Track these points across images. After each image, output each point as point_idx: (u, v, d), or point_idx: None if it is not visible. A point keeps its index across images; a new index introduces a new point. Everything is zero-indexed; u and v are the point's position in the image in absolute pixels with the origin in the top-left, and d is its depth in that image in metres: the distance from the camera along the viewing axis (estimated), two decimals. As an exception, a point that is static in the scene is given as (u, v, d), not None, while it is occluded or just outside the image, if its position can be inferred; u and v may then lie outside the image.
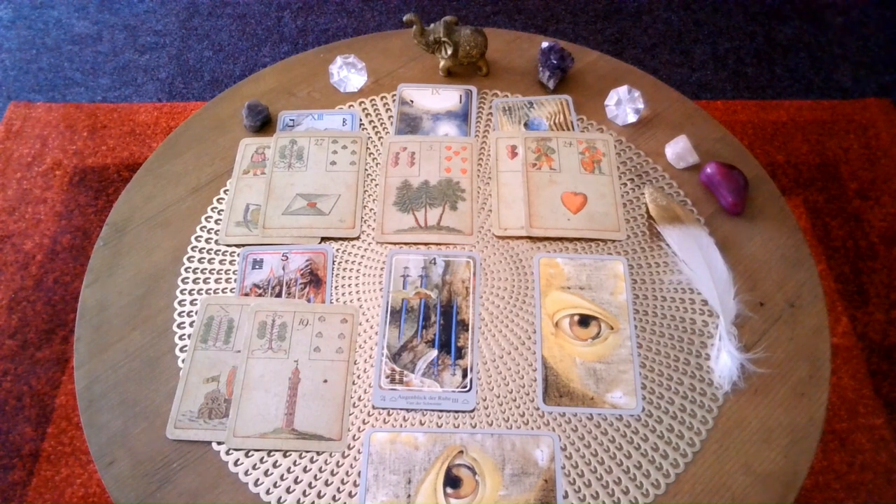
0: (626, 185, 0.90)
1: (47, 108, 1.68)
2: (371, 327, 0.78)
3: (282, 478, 0.69)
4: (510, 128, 0.96)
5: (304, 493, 0.68)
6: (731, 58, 1.79)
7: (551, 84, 0.98)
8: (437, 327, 0.78)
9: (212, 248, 0.85)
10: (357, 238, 0.85)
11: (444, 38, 0.96)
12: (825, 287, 1.37)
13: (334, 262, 0.83)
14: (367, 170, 0.91)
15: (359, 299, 0.80)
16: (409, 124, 0.96)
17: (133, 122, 1.65)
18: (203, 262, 0.84)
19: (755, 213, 0.87)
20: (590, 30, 1.85)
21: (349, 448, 0.71)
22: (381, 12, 1.89)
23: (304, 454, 0.70)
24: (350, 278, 0.82)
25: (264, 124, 0.96)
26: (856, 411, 1.23)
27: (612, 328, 0.78)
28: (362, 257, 0.84)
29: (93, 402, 0.74)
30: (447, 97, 0.99)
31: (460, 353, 0.76)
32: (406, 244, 0.85)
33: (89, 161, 1.58)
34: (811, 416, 0.72)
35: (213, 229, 0.87)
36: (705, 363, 0.76)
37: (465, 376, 0.75)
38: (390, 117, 0.97)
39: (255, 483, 0.69)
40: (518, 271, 0.82)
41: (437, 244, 0.85)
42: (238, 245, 0.85)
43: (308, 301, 0.80)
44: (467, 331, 0.78)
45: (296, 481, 0.69)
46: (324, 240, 0.85)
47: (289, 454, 0.70)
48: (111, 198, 1.52)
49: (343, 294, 0.81)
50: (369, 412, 0.73)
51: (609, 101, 0.95)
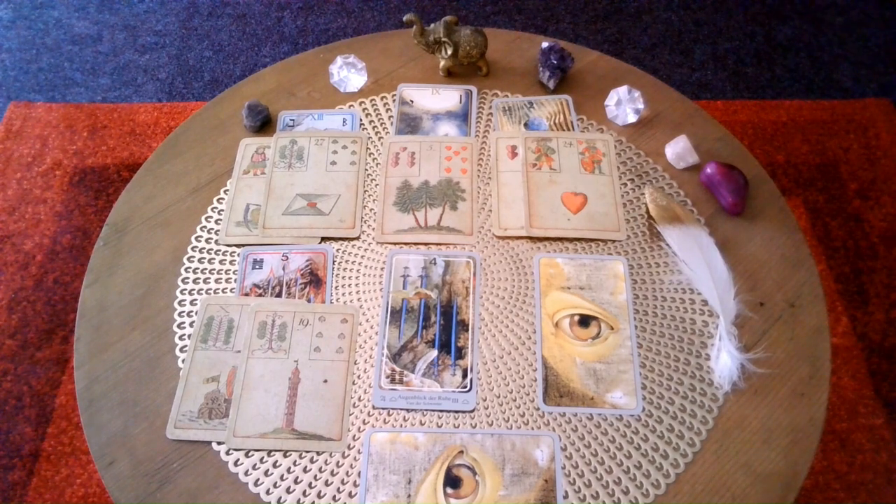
0: (626, 185, 0.90)
1: (47, 108, 1.68)
2: (371, 327, 0.78)
3: (282, 478, 0.69)
4: (510, 128, 0.95)
5: (304, 493, 0.68)
6: (731, 58, 1.79)
7: (551, 84, 0.98)
8: (437, 327, 0.78)
9: (212, 248, 0.85)
10: (357, 238, 0.85)
11: (444, 38, 0.96)
12: (825, 287, 1.37)
13: (334, 262, 0.83)
14: (367, 170, 0.91)
15: (359, 299, 0.80)
16: (409, 124, 0.96)
17: (133, 122, 1.65)
18: (203, 262, 0.84)
19: (755, 213, 0.87)
20: (590, 30, 1.85)
21: (349, 448, 0.71)
22: (381, 12, 1.89)
23: (304, 454, 0.70)
24: (350, 278, 0.82)
25: (264, 124, 0.96)
26: (856, 411, 1.23)
27: (612, 328, 0.78)
28: (362, 257, 0.84)
29: (93, 402, 0.74)
30: (447, 97, 0.99)
31: (460, 354, 0.76)
32: (406, 244, 0.85)
33: (89, 161, 1.58)
34: (811, 416, 0.72)
35: (213, 229, 0.87)
36: (705, 363, 0.76)
37: (465, 376, 0.75)
38: (390, 117, 0.97)
39: (255, 483, 0.69)
40: (518, 271, 0.82)
41: (437, 244, 0.85)
42: (238, 245, 0.85)
43: (308, 301, 0.80)
44: (467, 331, 0.78)
45: (296, 481, 0.69)
46: (324, 240, 0.85)
47: (289, 454, 0.70)
48: (111, 198, 1.52)
49: (343, 294, 0.81)
50: (369, 412, 0.73)
51: (609, 101, 0.95)
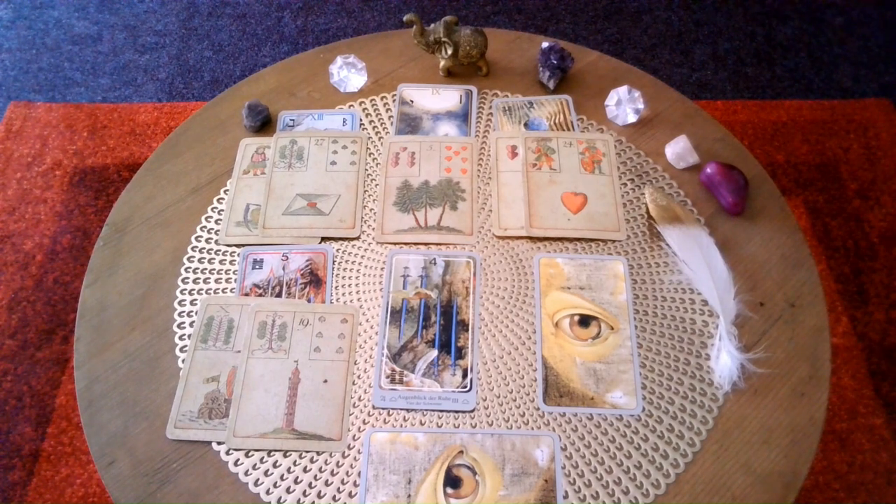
0: (626, 185, 0.90)
1: (47, 108, 1.68)
2: (371, 327, 0.78)
3: (282, 478, 0.69)
4: (510, 128, 0.95)
5: (304, 494, 0.68)
6: (731, 58, 1.79)
7: (551, 84, 0.98)
8: (437, 327, 0.78)
9: (212, 248, 0.85)
10: (357, 238, 0.85)
11: (444, 38, 0.96)
12: (825, 287, 1.37)
13: (334, 262, 0.83)
14: (367, 170, 0.91)
15: (359, 299, 0.80)
16: (409, 124, 0.96)
17: (133, 122, 1.65)
18: (203, 262, 0.84)
19: (755, 213, 0.87)
20: (590, 30, 1.85)
21: (349, 448, 0.71)
22: (381, 12, 1.89)
23: (304, 454, 0.70)
24: (350, 278, 0.82)
25: (264, 124, 0.96)
26: (856, 411, 1.23)
27: (612, 328, 0.78)
28: (362, 257, 0.84)
29: (93, 402, 0.74)
30: (447, 97, 0.99)
31: (460, 353, 0.76)
32: (406, 244, 0.85)
33: (89, 161, 1.58)
34: (811, 416, 0.72)
35: (213, 229, 0.87)
36: (705, 363, 0.76)
37: (465, 376, 0.75)
38: (390, 117, 0.97)
39: (255, 483, 0.69)
40: (518, 271, 0.82)
41: (437, 244, 0.85)
42: (238, 245, 0.85)
43: (308, 301, 0.80)
44: (467, 331, 0.78)
45: (296, 481, 0.69)
46: (324, 240, 0.85)
47: (289, 454, 0.70)
48: (111, 198, 1.52)
49: (343, 294, 0.81)
50: (369, 412, 0.73)
51: (609, 101, 0.95)
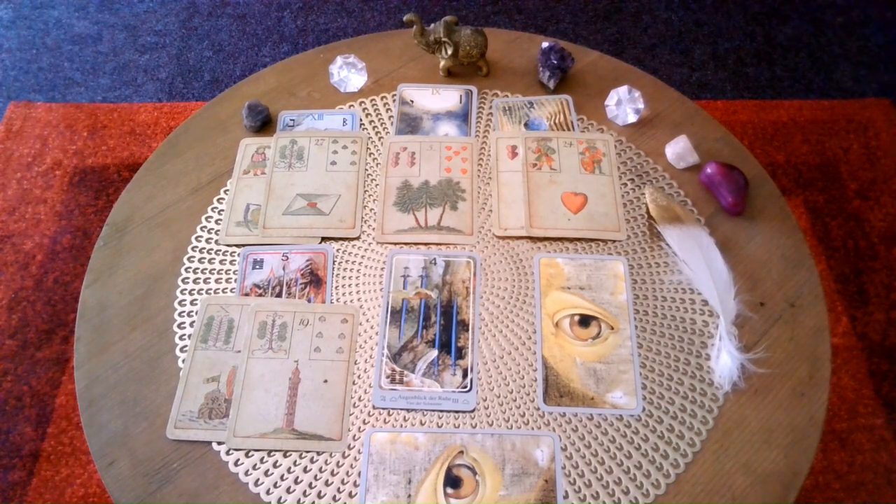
0: (626, 185, 0.90)
1: (47, 108, 1.68)
2: (371, 327, 0.78)
3: (282, 478, 0.69)
4: (510, 128, 0.95)
5: (305, 494, 0.68)
6: (731, 58, 1.79)
7: (551, 84, 0.98)
8: (437, 327, 0.78)
9: (212, 248, 0.85)
10: (357, 238, 0.85)
11: (444, 38, 0.96)
12: (825, 287, 1.37)
13: (334, 262, 0.83)
14: (367, 170, 0.91)
15: (359, 299, 0.80)
16: (410, 124, 0.96)
17: (133, 122, 1.65)
18: (203, 262, 0.84)
19: (755, 213, 0.87)
20: (590, 30, 1.85)
21: (349, 448, 0.71)
22: (381, 12, 1.89)
23: (304, 454, 0.70)
24: (350, 278, 0.82)
25: (264, 124, 0.96)
26: (856, 411, 1.23)
27: (613, 328, 0.78)
28: (362, 257, 0.84)
29: (93, 402, 0.74)
30: (447, 97, 0.99)
31: (460, 354, 0.76)
32: (406, 244, 0.85)
33: (89, 161, 1.58)
34: (811, 416, 0.72)
35: (213, 229, 0.87)
36: (705, 363, 0.76)
37: (465, 376, 0.75)
38: (390, 117, 0.97)
39: (256, 483, 0.69)
40: (518, 271, 0.82)
41: (437, 244, 0.85)
42: (238, 245, 0.85)
43: (308, 301, 0.80)
44: (467, 331, 0.78)
45: (296, 481, 0.69)
46: (324, 240, 0.85)
47: (289, 454, 0.70)
48: (111, 198, 1.52)
49: (343, 294, 0.81)
50: (369, 412, 0.73)
51: (609, 101, 0.95)
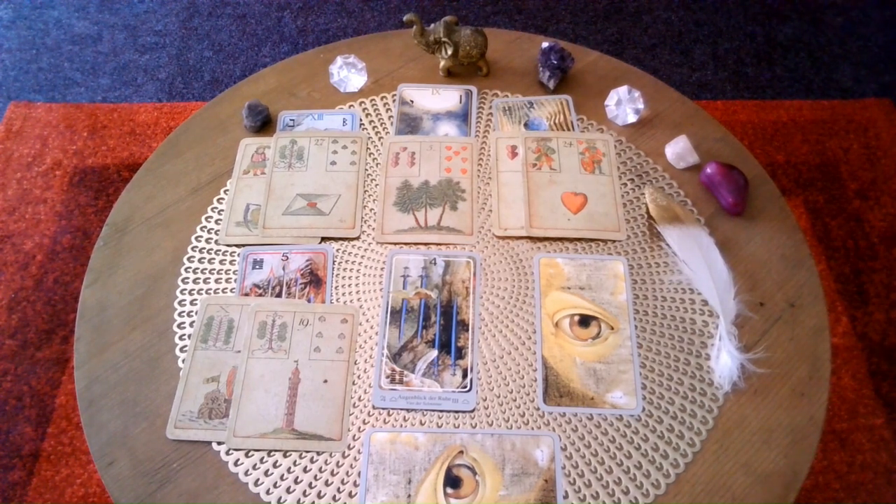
0: (626, 185, 0.90)
1: (47, 108, 1.68)
2: (371, 327, 0.78)
3: (282, 478, 0.69)
4: (510, 128, 0.95)
5: (304, 494, 0.68)
6: (731, 58, 1.79)
7: (551, 84, 0.98)
8: (437, 327, 0.78)
9: (212, 248, 0.85)
10: (357, 238, 0.85)
11: (444, 39, 0.96)
12: (825, 287, 1.37)
13: (334, 262, 0.83)
14: (367, 170, 0.91)
15: (359, 299, 0.80)
16: (409, 124, 0.96)
17: (133, 122, 1.65)
18: (203, 262, 0.84)
19: (755, 213, 0.87)
20: (590, 30, 1.85)
21: (349, 448, 0.71)
22: (381, 12, 1.89)
23: (304, 454, 0.70)
24: (350, 278, 0.82)
25: (264, 124, 0.96)
26: (856, 411, 1.23)
27: (612, 328, 0.78)
28: (362, 257, 0.84)
29: (93, 402, 0.74)
30: (447, 97, 0.99)
31: (460, 354, 0.76)
32: (406, 244, 0.85)
33: (89, 161, 1.58)
34: (811, 416, 0.72)
35: (213, 229, 0.87)
36: (705, 363, 0.76)
37: (465, 376, 0.75)
38: (390, 117, 0.97)
39: (255, 483, 0.69)
40: (518, 271, 0.82)
41: (437, 244, 0.85)
42: (238, 245, 0.85)
43: (308, 301, 0.80)
44: (467, 331, 0.78)
45: (296, 481, 0.69)
46: (324, 240, 0.85)
47: (289, 454, 0.70)
48: (111, 198, 1.52)
49: (343, 294, 0.81)
50: (369, 412, 0.73)
51: (609, 101, 0.95)
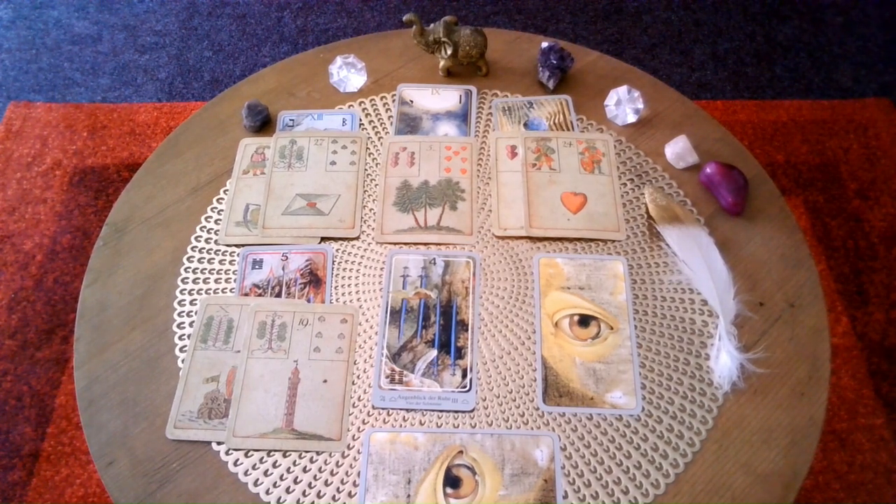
0: (625, 185, 0.90)
1: (47, 108, 1.68)
2: (371, 327, 0.78)
3: (281, 478, 0.69)
4: (510, 128, 0.95)
5: (304, 493, 0.68)
6: (731, 58, 1.79)
7: (551, 84, 0.98)
8: (436, 327, 0.78)
9: (212, 248, 0.85)
10: (357, 238, 0.85)
11: (443, 38, 0.96)
12: (825, 287, 1.37)
13: (334, 262, 0.83)
14: (366, 170, 0.91)
15: (358, 299, 0.80)
16: (409, 124, 0.96)
17: (133, 122, 1.65)
18: (203, 262, 0.84)
19: (755, 213, 0.87)
20: (590, 30, 1.85)
21: (349, 448, 0.71)
22: (381, 12, 1.89)
23: (303, 454, 0.70)
24: (350, 278, 0.82)
25: (264, 124, 0.96)
26: (856, 411, 1.23)
27: (612, 328, 0.78)
28: (362, 257, 0.84)
29: (93, 402, 0.74)
30: (447, 97, 0.99)
31: (460, 353, 0.76)
32: (406, 244, 0.85)
33: (89, 161, 1.58)
34: (811, 416, 0.72)
35: (213, 229, 0.87)
36: (705, 363, 0.76)
37: (464, 376, 0.75)
38: (390, 117, 0.97)
39: (255, 483, 0.69)
40: (518, 271, 0.82)
41: (436, 244, 0.85)
42: (238, 245, 0.85)
43: (308, 301, 0.80)
44: (467, 331, 0.78)
45: (295, 481, 0.69)
46: (324, 240, 0.85)
47: (288, 454, 0.70)
48: (111, 198, 1.52)
49: (343, 294, 0.81)
50: (369, 412, 0.73)
51: (609, 101, 0.95)
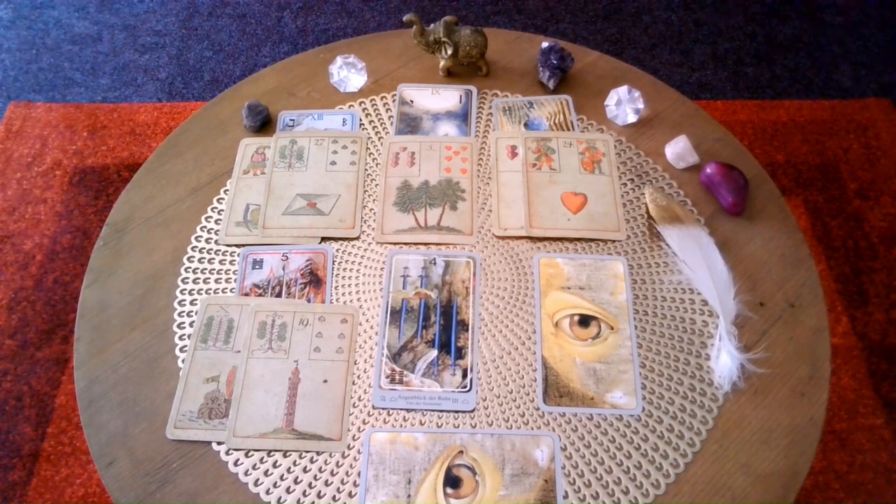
0: (626, 185, 0.90)
1: (47, 108, 1.68)
2: (371, 327, 0.78)
3: (282, 478, 0.69)
4: (510, 128, 0.95)
5: (304, 494, 0.68)
6: (731, 58, 1.79)
7: (551, 84, 0.98)
8: (437, 327, 0.78)
9: (212, 248, 0.85)
10: (357, 238, 0.85)
11: (444, 39, 0.96)
12: (825, 287, 1.37)
13: (334, 262, 0.83)
14: (367, 170, 0.91)
15: (359, 299, 0.80)
16: (409, 124, 0.96)
17: (133, 122, 1.65)
18: (203, 262, 0.84)
19: (755, 213, 0.87)
20: (590, 30, 1.85)
21: (349, 448, 0.71)
22: (381, 12, 1.89)
23: (304, 454, 0.70)
24: (350, 278, 0.82)
25: (264, 124, 0.96)
26: (856, 411, 1.23)
27: (612, 328, 0.78)
28: (362, 257, 0.84)
29: (93, 402, 0.74)
30: (447, 97, 0.99)
31: (460, 354, 0.76)
32: (406, 244, 0.85)
33: (89, 161, 1.58)
34: (811, 416, 0.72)
35: (213, 229, 0.87)
36: (705, 363, 0.76)
37: (465, 376, 0.75)
38: (390, 117, 0.97)
39: (255, 483, 0.69)
40: (518, 271, 0.82)
41: (437, 244, 0.85)
42: (238, 245, 0.85)
43: (308, 301, 0.80)
44: (467, 331, 0.78)
45: (296, 481, 0.69)
46: (324, 240, 0.85)
47: (289, 454, 0.70)
48: (111, 198, 1.52)
49: (343, 294, 0.81)
50: (369, 412, 0.73)
51: (609, 101, 0.95)
